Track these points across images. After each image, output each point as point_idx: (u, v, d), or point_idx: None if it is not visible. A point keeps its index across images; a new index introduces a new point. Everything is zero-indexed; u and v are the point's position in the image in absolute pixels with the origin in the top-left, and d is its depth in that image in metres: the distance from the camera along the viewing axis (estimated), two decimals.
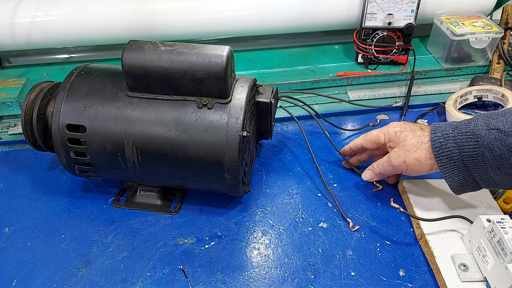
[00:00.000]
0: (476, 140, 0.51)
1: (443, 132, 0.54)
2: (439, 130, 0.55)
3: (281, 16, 0.91)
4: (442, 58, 0.91)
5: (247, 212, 0.63)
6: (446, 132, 0.54)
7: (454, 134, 0.53)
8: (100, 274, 0.55)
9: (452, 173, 0.54)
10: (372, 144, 0.63)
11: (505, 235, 0.48)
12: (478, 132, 0.51)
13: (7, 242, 0.59)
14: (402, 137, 0.58)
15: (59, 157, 0.59)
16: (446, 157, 0.54)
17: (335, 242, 0.58)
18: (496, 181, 0.52)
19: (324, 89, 0.88)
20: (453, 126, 0.54)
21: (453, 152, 0.53)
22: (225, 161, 0.54)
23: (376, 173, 0.62)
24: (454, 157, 0.53)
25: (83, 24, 0.87)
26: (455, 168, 0.54)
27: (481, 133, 0.51)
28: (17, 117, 0.81)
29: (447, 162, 0.54)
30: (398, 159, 0.57)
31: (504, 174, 0.51)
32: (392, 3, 0.85)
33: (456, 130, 0.53)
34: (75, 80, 0.58)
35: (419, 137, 0.57)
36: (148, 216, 0.63)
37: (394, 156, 0.58)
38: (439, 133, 0.55)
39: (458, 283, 0.51)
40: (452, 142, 0.53)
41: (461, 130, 0.53)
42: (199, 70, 0.53)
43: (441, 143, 0.54)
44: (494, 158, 0.50)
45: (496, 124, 0.50)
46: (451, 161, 0.53)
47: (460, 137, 0.52)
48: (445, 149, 0.53)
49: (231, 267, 0.56)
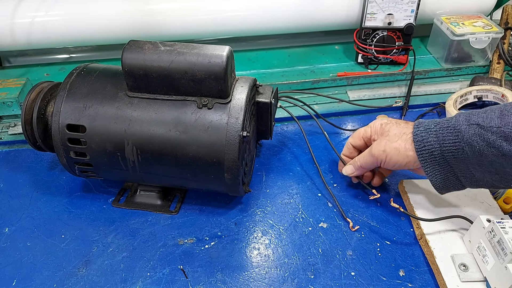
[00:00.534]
0: (456, 135, 0.51)
1: (426, 126, 0.54)
2: (422, 125, 0.55)
3: (281, 16, 0.91)
4: (442, 58, 0.91)
5: (247, 212, 0.63)
6: (428, 127, 0.54)
7: (436, 129, 0.53)
8: (100, 274, 0.55)
9: (433, 168, 0.54)
10: (360, 140, 0.63)
11: (505, 235, 0.48)
12: (459, 127, 0.51)
13: (7, 242, 0.59)
14: (386, 128, 0.58)
15: (59, 157, 0.59)
16: (427, 151, 0.53)
17: (335, 242, 0.58)
18: (478, 178, 0.52)
19: (324, 89, 0.88)
20: (435, 122, 0.54)
21: (434, 147, 0.53)
22: (225, 161, 0.54)
23: (356, 166, 0.62)
24: (435, 152, 0.53)
25: (83, 24, 0.87)
26: (436, 164, 0.54)
27: (461, 128, 0.51)
28: (17, 117, 0.81)
29: (428, 156, 0.54)
30: (378, 147, 0.58)
31: (485, 171, 0.51)
32: (392, 3, 0.85)
33: (438, 125, 0.53)
34: (75, 80, 0.58)
35: (402, 128, 0.57)
36: (148, 216, 0.63)
37: (375, 146, 0.58)
38: (422, 127, 0.55)
39: (458, 283, 0.51)
40: (433, 136, 0.53)
41: (443, 125, 0.53)
42: (199, 70, 0.53)
43: (423, 137, 0.54)
44: (474, 154, 0.50)
45: (477, 119, 0.50)
46: (431, 156, 0.53)
47: (441, 131, 0.53)
48: (426, 143, 0.53)
49: (231, 267, 0.56)
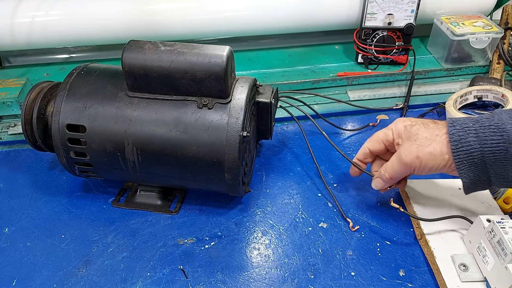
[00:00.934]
0: (501, 135, 0.47)
1: (463, 125, 0.50)
2: (458, 123, 0.50)
3: (281, 16, 0.91)
4: (442, 58, 0.91)
5: (247, 212, 0.63)
6: (466, 125, 0.50)
7: (476, 127, 0.49)
8: (100, 274, 0.55)
9: (468, 169, 0.50)
10: (379, 144, 0.58)
11: (505, 235, 0.48)
12: (504, 126, 0.47)
13: (7, 242, 0.59)
14: (414, 131, 0.53)
15: (59, 157, 0.59)
16: (465, 152, 0.49)
17: (335, 242, 0.58)
18: (510, 178, 0.49)
19: (324, 89, 0.88)
20: (473, 119, 0.50)
21: (473, 147, 0.49)
22: (225, 161, 0.54)
23: (386, 179, 0.56)
24: (474, 152, 0.49)
25: (83, 24, 0.87)
26: (472, 165, 0.49)
27: (506, 127, 0.47)
28: (17, 117, 0.81)
29: (466, 157, 0.49)
30: (411, 154, 0.52)
31: None
32: (392, 3, 0.85)
33: (478, 123, 0.49)
34: (75, 80, 0.58)
35: (433, 129, 0.52)
36: (148, 216, 0.63)
37: (405, 152, 0.53)
38: (458, 126, 0.50)
39: (458, 283, 0.51)
40: (473, 135, 0.49)
41: (483, 123, 0.49)
42: (199, 70, 0.53)
43: (461, 136, 0.49)
44: None
45: None
46: (470, 157, 0.49)
47: (482, 130, 0.48)
48: (464, 143, 0.49)
49: (231, 267, 0.56)
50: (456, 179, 0.65)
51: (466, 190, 0.53)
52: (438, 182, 0.65)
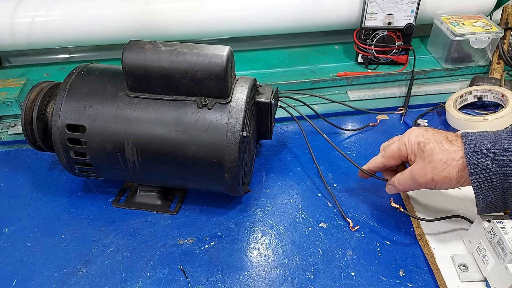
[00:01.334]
0: None
1: (480, 147, 0.48)
2: (475, 145, 0.48)
3: (281, 16, 0.91)
4: (442, 58, 0.91)
5: (247, 212, 0.63)
6: (484, 147, 0.47)
7: (494, 149, 0.47)
8: (100, 274, 0.55)
9: (486, 194, 0.48)
10: (395, 160, 0.56)
11: (505, 235, 0.48)
12: None
13: (7, 242, 0.59)
14: (428, 151, 0.51)
15: (59, 157, 0.59)
16: (484, 175, 0.47)
17: (335, 242, 0.58)
18: None
19: (324, 89, 0.88)
20: (490, 139, 0.48)
21: (492, 170, 0.47)
22: (225, 161, 0.54)
23: (398, 189, 0.57)
24: (493, 176, 0.47)
25: (83, 24, 0.87)
26: (491, 189, 0.48)
27: None
28: (17, 117, 0.81)
29: (484, 181, 0.47)
30: (425, 176, 0.51)
31: None
32: (392, 3, 0.85)
33: (496, 145, 0.47)
34: (75, 80, 0.58)
35: (449, 152, 0.50)
36: (148, 216, 0.63)
37: (419, 174, 0.52)
38: (476, 147, 0.48)
39: (458, 283, 0.51)
40: (492, 159, 0.47)
41: (503, 145, 0.46)
42: (199, 70, 0.53)
43: (479, 159, 0.47)
44: None
45: None
46: (488, 180, 0.47)
47: (501, 153, 0.46)
48: (483, 167, 0.47)
49: (231, 267, 0.56)
50: None
51: (480, 212, 0.52)
52: None
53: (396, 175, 0.57)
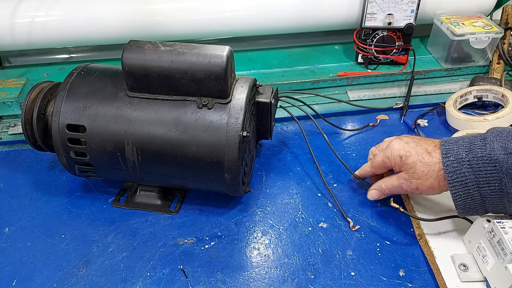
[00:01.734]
0: (494, 165, 0.48)
1: (456, 156, 0.51)
2: (451, 154, 0.51)
3: (281, 16, 0.91)
4: (442, 58, 0.91)
5: (247, 212, 0.63)
6: (460, 156, 0.50)
7: (469, 158, 0.49)
8: (100, 274, 0.55)
9: (464, 201, 0.51)
10: (381, 169, 0.61)
11: (505, 235, 0.48)
12: (496, 157, 0.48)
13: (7, 242, 0.59)
14: (410, 164, 0.54)
15: (59, 157, 0.59)
16: (461, 183, 0.50)
17: (335, 242, 0.58)
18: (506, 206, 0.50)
19: (324, 89, 0.88)
20: (466, 148, 0.50)
21: (468, 178, 0.50)
22: (225, 161, 0.54)
23: (384, 193, 0.60)
24: (469, 183, 0.50)
25: (83, 24, 0.87)
26: (469, 196, 0.51)
27: (499, 157, 0.47)
28: (17, 117, 0.81)
29: (461, 188, 0.51)
30: (410, 186, 0.55)
31: None
32: (392, 3, 0.85)
33: (471, 153, 0.50)
34: (75, 80, 0.58)
35: (429, 165, 0.53)
36: (148, 216, 0.63)
37: (405, 183, 0.56)
38: (452, 157, 0.51)
39: (458, 283, 0.51)
40: (467, 167, 0.49)
41: (476, 154, 0.49)
42: (199, 70, 0.53)
43: (455, 167, 0.50)
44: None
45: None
46: (465, 188, 0.50)
47: (475, 161, 0.49)
48: (459, 175, 0.50)
49: (231, 267, 0.56)
50: None
51: (459, 214, 0.54)
52: None
53: (383, 179, 0.60)
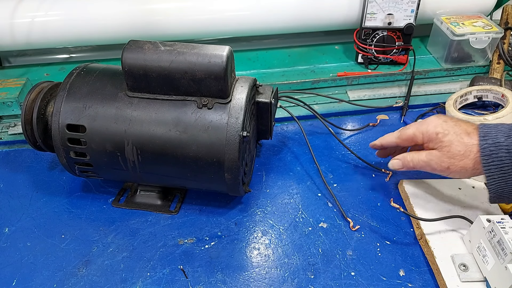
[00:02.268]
0: None
1: (494, 139, 0.51)
2: (490, 137, 0.51)
3: (281, 16, 0.91)
4: (442, 58, 0.91)
5: (247, 212, 0.63)
6: (498, 140, 0.50)
7: (507, 143, 0.50)
8: (100, 274, 0.55)
9: (498, 184, 0.51)
10: (408, 143, 0.59)
11: (505, 235, 0.48)
12: None
13: (7, 242, 0.59)
14: (446, 142, 0.53)
15: (59, 157, 0.59)
16: (496, 167, 0.50)
17: (335, 242, 0.58)
18: None
19: (324, 89, 0.88)
20: (505, 133, 0.51)
21: (504, 162, 0.50)
22: (225, 161, 0.54)
23: (408, 166, 0.58)
24: (504, 168, 0.50)
25: (83, 24, 0.87)
26: (503, 180, 0.51)
27: None
28: (17, 117, 0.81)
29: (497, 172, 0.51)
30: (442, 164, 0.54)
31: None
32: (392, 3, 0.85)
33: (510, 139, 0.50)
34: (75, 80, 0.58)
35: (467, 145, 0.52)
36: (148, 216, 0.63)
37: (436, 161, 0.54)
38: (490, 140, 0.51)
39: (458, 283, 0.51)
40: (504, 151, 0.50)
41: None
42: (199, 70, 0.53)
43: (492, 151, 0.50)
44: None
45: None
46: (501, 172, 0.50)
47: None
48: (495, 158, 0.50)
49: (231, 267, 0.56)
50: (456, 179, 0.65)
51: (492, 201, 0.54)
52: (438, 182, 0.65)
53: (411, 153, 0.58)
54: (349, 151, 0.73)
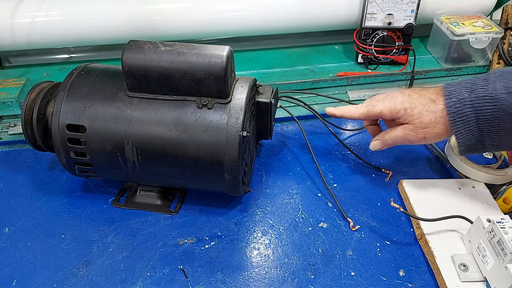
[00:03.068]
0: (494, 104, 0.50)
1: (459, 97, 0.53)
2: (454, 95, 0.53)
3: (281, 16, 0.91)
4: (442, 58, 0.91)
5: (247, 212, 0.63)
6: (462, 97, 0.53)
7: (471, 98, 0.52)
8: (100, 274, 0.55)
9: (466, 137, 0.54)
10: (372, 119, 0.61)
11: (505, 235, 0.48)
12: (497, 96, 0.50)
13: (7, 242, 0.59)
14: (416, 115, 0.56)
15: (59, 157, 0.59)
16: (462, 121, 0.53)
17: (335, 242, 0.58)
18: (504, 143, 0.53)
19: (324, 89, 0.88)
20: (468, 89, 0.53)
21: (469, 117, 0.52)
22: (225, 161, 0.54)
23: (387, 144, 0.61)
24: (470, 121, 0.52)
25: (83, 24, 0.87)
26: (469, 134, 0.53)
27: (500, 97, 0.50)
28: (17, 117, 0.81)
29: (462, 126, 0.53)
30: (418, 136, 0.56)
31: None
32: (392, 3, 0.85)
33: (473, 93, 0.52)
34: (75, 80, 0.58)
35: (435, 112, 0.55)
36: (148, 216, 0.63)
37: (412, 134, 0.57)
38: (455, 98, 0.53)
39: (458, 283, 0.51)
40: (468, 107, 0.52)
41: (478, 94, 0.51)
42: (199, 70, 0.53)
43: (457, 108, 0.53)
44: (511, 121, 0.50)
45: None
46: (466, 125, 0.53)
47: (477, 101, 0.51)
48: (461, 114, 0.53)
49: (231, 267, 0.56)
50: (456, 179, 0.65)
51: (461, 153, 0.57)
52: (438, 182, 0.65)
53: (387, 131, 0.61)
54: (349, 151, 0.73)
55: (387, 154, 0.72)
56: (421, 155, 0.72)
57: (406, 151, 0.73)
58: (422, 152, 0.73)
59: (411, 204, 0.61)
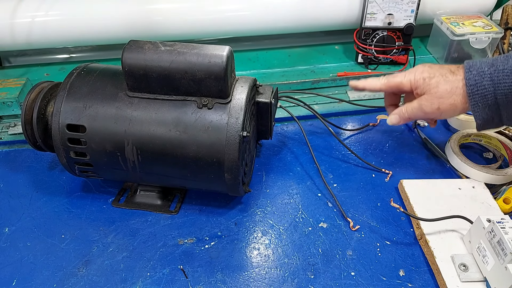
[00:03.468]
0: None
1: (478, 70, 0.53)
2: (474, 68, 0.54)
3: (281, 16, 0.91)
4: (442, 58, 0.91)
5: (247, 212, 0.63)
6: (482, 70, 0.53)
7: (491, 71, 0.52)
8: (100, 274, 0.55)
9: (482, 111, 0.54)
10: (392, 90, 0.61)
11: (505, 235, 0.48)
12: None
13: (7, 242, 0.59)
14: (433, 84, 0.56)
15: (59, 157, 0.59)
16: (480, 95, 0.53)
17: (335, 242, 0.58)
18: None
19: (324, 89, 0.88)
20: (488, 63, 0.53)
21: (487, 90, 0.52)
22: (225, 161, 0.54)
23: (404, 118, 0.60)
24: (488, 95, 0.52)
25: (83, 24, 0.87)
26: (486, 107, 0.53)
27: None
28: (17, 117, 0.81)
29: (480, 100, 0.53)
30: (432, 106, 0.56)
31: None
32: (392, 3, 0.85)
33: (493, 67, 0.52)
34: (75, 80, 0.58)
35: (453, 82, 0.55)
36: (148, 216, 0.63)
37: (426, 104, 0.56)
38: (474, 71, 0.53)
39: (458, 283, 0.51)
40: (488, 80, 0.52)
41: (498, 67, 0.52)
42: (199, 70, 0.53)
43: (476, 81, 0.53)
44: None
45: None
46: (484, 99, 0.53)
47: (496, 74, 0.52)
48: (479, 87, 0.53)
49: (231, 267, 0.56)
50: (456, 179, 0.65)
51: (478, 127, 0.56)
52: (438, 182, 0.65)
53: (404, 105, 0.60)
54: (349, 151, 0.73)
55: (387, 154, 0.72)
56: (421, 155, 0.72)
57: (406, 151, 0.73)
58: (422, 152, 0.73)
59: (411, 204, 0.61)
